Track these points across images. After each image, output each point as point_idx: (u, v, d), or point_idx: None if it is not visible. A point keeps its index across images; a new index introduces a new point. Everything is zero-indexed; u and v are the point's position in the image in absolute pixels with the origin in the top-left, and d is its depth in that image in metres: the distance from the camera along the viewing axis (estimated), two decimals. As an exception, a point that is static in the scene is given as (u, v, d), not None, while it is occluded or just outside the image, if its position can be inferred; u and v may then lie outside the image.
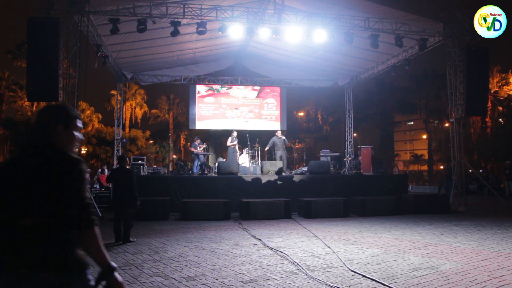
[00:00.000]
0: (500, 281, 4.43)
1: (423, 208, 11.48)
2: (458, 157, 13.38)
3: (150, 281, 4.57)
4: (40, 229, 1.59)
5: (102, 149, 35.22)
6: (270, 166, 13.15)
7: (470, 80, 12.90)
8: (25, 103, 33.90)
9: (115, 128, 18.58)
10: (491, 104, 32.93)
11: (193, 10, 11.92)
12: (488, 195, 18.90)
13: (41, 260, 1.57)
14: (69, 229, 1.64)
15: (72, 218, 1.63)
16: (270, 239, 7.31)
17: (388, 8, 12.39)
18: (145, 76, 18.25)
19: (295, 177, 13.13)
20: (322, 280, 4.52)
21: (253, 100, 19.29)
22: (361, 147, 16.17)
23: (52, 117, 1.80)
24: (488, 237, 7.41)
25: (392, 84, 37.74)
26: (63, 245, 1.62)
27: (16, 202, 1.63)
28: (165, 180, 12.63)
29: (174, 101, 46.06)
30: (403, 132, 65.13)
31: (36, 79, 10.50)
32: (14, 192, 1.64)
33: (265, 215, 10.45)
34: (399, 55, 15.33)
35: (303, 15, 12.66)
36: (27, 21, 10.45)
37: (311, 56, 16.71)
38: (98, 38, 12.91)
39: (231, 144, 15.55)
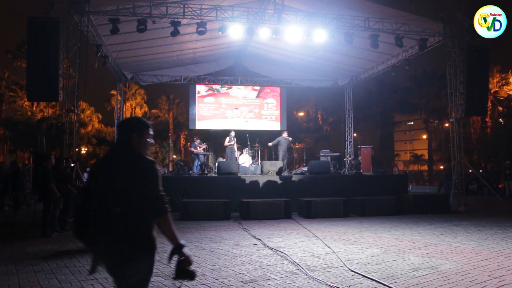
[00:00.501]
0: (500, 281, 4.43)
1: (423, 208, 11.48)
2: (458, 157, 13.38)
3: (150, 281, 4.56)
4: (125, 215, 2.14)
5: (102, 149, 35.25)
6: (270, 166, 13.15)
7: (470, 80, 12.90)
8: (25, 103, 33.90)
9: (115, 128, 18.58)
10: (491, 104, 32.92)
11: (193, 10, 11.92)
12: (488, 195, 18.90)
13: (125, 238, 2.14)
14: (147, 215, 2.17)
15: (150, 207, 2.16)
16: (270, 239, 7.31)
17: (388, 8, 12.39)
18: (145, 76, 18.25)
19: (295, 177, 13.12)
20: (322, 280, 4.52)
21: (253, 100, 19.28)
22: (361, 147, 16.16)
23: (129, 126, 2.31)
24: (488, 237, 7.41)
25: (392, 84, 37.74)
26: (142, 227, 2.17)
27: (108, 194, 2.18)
28: (165, 180, 12.55)
29: (174, 101, 46.07)
30: (403, 132, 65.09)
31: (36, 79, 10.51)
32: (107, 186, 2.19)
33: (265, 215, 10.45)
34: (399, 55, 15.32)
35: (303, 15, 12.66)
36: (27, 21, 10.45)
37: (311, 56, 16.72)
38: (98, 38, 12.91)
39: (228, 144, 15.54)
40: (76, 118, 11.93)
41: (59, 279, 4.65)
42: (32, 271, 5.04)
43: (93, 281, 4.56)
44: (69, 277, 4.74)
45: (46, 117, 30.26)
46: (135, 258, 2.18)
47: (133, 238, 2.16)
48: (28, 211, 11.84)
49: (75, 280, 4.63)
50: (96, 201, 2.22)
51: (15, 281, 4.57)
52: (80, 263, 5.48)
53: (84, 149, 35.54)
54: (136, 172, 2.18)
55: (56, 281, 4.60)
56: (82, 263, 5.48)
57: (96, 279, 4.65)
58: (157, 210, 2.19)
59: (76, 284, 4.47)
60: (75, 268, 5.20)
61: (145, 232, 2.19)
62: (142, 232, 2.18)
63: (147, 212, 2.17)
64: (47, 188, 7.83)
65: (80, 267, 5.22)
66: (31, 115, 33.28)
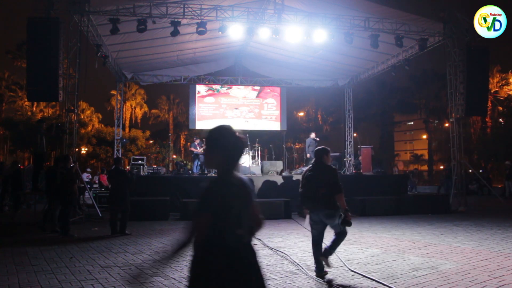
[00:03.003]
0: (500, 281, 4.43)
1: (423, 208, 11.48)
2: (458, 157, 13.38)
3: (150, 281, 4.57)
4: (326, 194, 4.43)
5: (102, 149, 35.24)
6: (270, 166, 13.15)
7: (470, 80, 12.89)
8: (25, 103, 33.92)
9: (115, 128, 18.59)
10: (491, 104, 32.94)
11: (193, 10, 11.92)
12: (488, 195, 18.90)
13: (327, 205, 4.45)
14: (334, 193, 4.42)
15: (335, 189, 4.43)
16: (270, 239, 7.31)
17: (388, 8, 12.38)
18: (145, 76, 18.24)
19: (295, 177, 13.12)
20: (322, 280, 4.53)
21: (253, 100, 19.28)
22: (361, 147, 16.17)
23: (322, 151, 4.74)
24: (488, 237, 7.41)
25: (392, 84, 37.80)
26: (333, 199, 4.41)
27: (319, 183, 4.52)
28: (165, 180, 12.62)
29: (174, 101, 46.09)
30: (403, 132, 65.12)
31: (36, 79, 10.50)
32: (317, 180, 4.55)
33: (265, 215, 10.30)
34: (399, 55, 15.32)
35: (303, 15, 12.65)
36: (27, 21, 10.44)
37: (311, 56, 16.71)
38: (98, 38, 12.90)
39: None
40: (76, 118, 11.92)
41: (59, 279, 4.65)
42: (32, 271, 5.03)
43: (93, 281, 4.57)
44: (69, 277, 4.74)
45: (46, 117, 30.25)
46: (333, 214, 4.48)
47: (331, 204, 4.47)
48: (28, 211, 11.85)
49: (75, 280, 4.63)
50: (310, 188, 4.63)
51: (15, 281, 4.57)
52: (80, 263, 5.48)
53: (84, 149, 35.53)
54: (326, 172, 4.62)
55: (56, 281, 4.60)
56: (82, 263, 5.48)
57: (96, 279, 4.65)
58: (337, 190, 4.46)
59: (76, 284, 4.46)
60: (75, 268, 5.20)
61: (334, 201, 4.46)
62: (334, 201, 4.46)
63: (334, 191, 4.46)
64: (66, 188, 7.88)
65: (80, 267, 5.22)
66: (31, 115, 33.29)
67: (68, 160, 8.48)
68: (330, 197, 4.45)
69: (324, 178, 4.56)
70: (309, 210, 4.62)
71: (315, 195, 4.51)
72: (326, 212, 4.48)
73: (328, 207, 4.46)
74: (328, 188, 4.47)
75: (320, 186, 4.50)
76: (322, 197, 4.46)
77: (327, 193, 4.46)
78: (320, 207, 4.50)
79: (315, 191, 4.52)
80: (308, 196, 4.61)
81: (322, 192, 4.46)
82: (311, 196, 4.55)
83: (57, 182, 8.05)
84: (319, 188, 4.49)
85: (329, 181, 4.50)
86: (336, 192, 4.43)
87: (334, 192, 4.44)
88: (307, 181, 4.68)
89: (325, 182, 4.51)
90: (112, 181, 8.25)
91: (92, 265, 5.34)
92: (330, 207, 4.45)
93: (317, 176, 4.60)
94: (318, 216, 4.55)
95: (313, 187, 4.55)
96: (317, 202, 4.50)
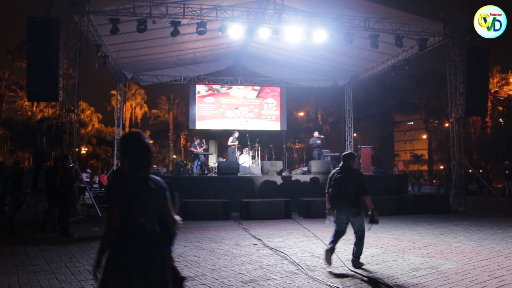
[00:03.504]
0: (500, 281, 4.43)
1: (423, 208, 11.48)
2: (458, 157, 13.38)
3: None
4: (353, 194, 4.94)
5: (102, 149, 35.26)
6: (270, 166, 13.14)
7: (470, 80, 12.89)
8: (25, 103, 33.90)
9: (115, 128, 18.59)
10: (491, 104, 32.93)
11: (193, 10, 11.92)
12: (488, 195, 18.90)
13: (354, 204, 4.95)
14: (361, 194, 4.95)
15: (362, 191, 4.95)
16: (270, 239, 7.31)
17: (388, 8, 12.39)
18: (145, 76, 18.24)
19: (295, 177, 13.12)
20: (322, 280, 4.53)
21: (253, 100, 19.28)
22: (361, 147, 16.16)
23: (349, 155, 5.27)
24: (488, 237, 7.41)
25: (392, 84, 37.75)
26: (360, 199, 4.95)
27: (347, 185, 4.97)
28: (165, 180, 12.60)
29: (174, 101, 46.06)
30: (403, 132, 65.10)
31: (36, 79, 10.49)
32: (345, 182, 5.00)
33: (265, 215, 10.45)
34: (399, 55, 15.32)
35: (303, 15, 12.65)
36: (27, 21, 10.44)
37: (311, 56, 16.71)
38: (98, 38, 12.90)
39: (231, 144, 15.54)
40: (76, 118, 11.92)
41: (59, 279, 4.65)
42: (32, 271, 5.03)
43: (93, 281, 4.56)
44: (69, 277, 4.74)
45: (46, 117, 30.24)
46: (358, 212, 4.96)
47: (358, 204, 4.95)
48: (28, 211, 11.84)
49: (75, 280, 4.63)
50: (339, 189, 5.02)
51: (15, 281, 4.57)
52: (80, 263, 5.48)
53: (84, 149, 35.54)
54: (354, 175, 5.12)
55: (56, 281, 4.60)
56: (82, 263, 5.48)
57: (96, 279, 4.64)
58: (364, 192, 4.97)
59: (76, 284, 4.46)
60: (75, 268, 5.20)
61: (361, 202, 4.94)
62: (359, 201, 4.95)
63: (361, 193, 4.95)
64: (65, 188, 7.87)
65: (80, 267, 5.22)
66: (31, 115, 33.29)
67: (67, 160, 8.47)
68: (356, 198, 4.95)
69: (351, 180, 5.02)
70: (337, 209, 5.10)
71: (343, 196, 4.99)
72: (353, 211, 4.98)
73: (354, 206, 4.96)
74: (355, 190, 4.96)
75: (348, 188, 4.97)
76: (349, 197, 4.96)
77: (354, 194, 4.96)
78: (348, 206, 4.99)
79: (343, 192, 4.98)
80: (336, 196, 5.07)
81: (349, 193, 4.96)
82: (339, 196, 5.03)
83: (57, 182, 8.05)
84: (346, 189, 4.97)
85: (356, 183, 5.00)
86: (364, 194, 4.95)
87: (362, 194, 4.95)
88: (335, 182, 5.11)
89: (352, 184, 4.98)
90: None
91: (92, 265, 5.33)
92: (356, 207, 4.96)
93: (344, 178, 5.04)
94: (345, 214, 5.03)
95: (341, 188, 5.00)
96: (345, 201, 4.98)
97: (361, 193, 4.95)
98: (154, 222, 2.25)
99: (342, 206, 5.04)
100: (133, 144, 2.28)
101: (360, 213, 4.97)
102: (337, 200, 5.06)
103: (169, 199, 2.36)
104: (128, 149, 2.30)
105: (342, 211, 5.04)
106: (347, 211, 5.00)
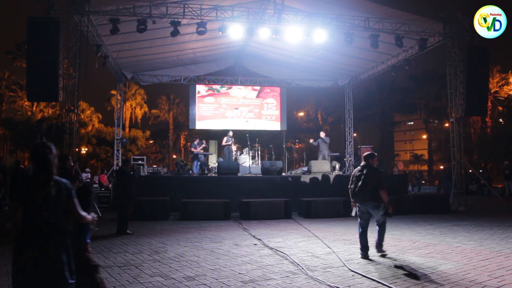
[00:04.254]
0: (500, 281, 4.43)
1: (423, 208, 11.48)
2: (458, 157, 13.38)
3: (150, 281, 4.57)
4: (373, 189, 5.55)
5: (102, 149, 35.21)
6: (270, 166, 13.14)
7: (470, 80, 12.89)
8: (25, 103, 33.86)
9: (115, 128, 18.57)
10: (491, 104, 32.92)
11: (193, 10, 11.92)
12: (488, 195, 18.90)
13: (373, 198, 5.59)
14: (379, 189, 5.53)
15: (380, 186, 5.56)
16: (270, 239, 7.31)
17: (388, 8, 12.38)
18: (145, 76, 18.24)
19: (295, 177, 13.12)
20: (322, 280, 4.53)
21: (253, 100, 19.27)
22: (361, 147, 16.16)
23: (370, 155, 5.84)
24: (488, 237, 7.42)
25: (392, 84, 37.72)
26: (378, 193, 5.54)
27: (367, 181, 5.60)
28: (165, 180, 12.62)
29: (174, 101, 46.03)
30: (403, 132, 65.05)
31: (36, 79, 10.50)
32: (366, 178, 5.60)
33: (265, 215, 10.45)
34: (399, 55, 15.31)
35: (303, 15, 12.65)
36: (27, 21, 10.44)
37: (311, 56, 16.70)
38: (98, 38, 12.90)
39: (226, 144, 15.54)
40: (76, 118, 11.92)
41: (59, 279, 4.64)
42: (32, 271, 5.03)
43: (93, 281, 4.56)
44: (69, 277, 4.73)
45: (46, 117, 30.23)
46: (377, 205, 5.57)
47: (376, 198, 5.51)
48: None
49: (75, 280, 4.62)
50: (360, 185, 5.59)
51: (15, 281, 4.56)
52: (80, 263, 5.48)
53: (84, 149, 35.51)
54: (373, 173, 5.62)
55: (56, 281, 4.59)
56: (82, 263, 5.47)
57: (96, 279, 4.64)
58: (381, 187, 5.50)
59: (76, 284, 4.46)
60: (75, 268, 5.19)
61: (379, 195, 5.51)
62: (378, 195, 5.50)
63: (379, 187, 5.49)
64: None
65: (80, 267, 5.22)
66: (31, 115, 33.26)
67: (67, 160, 8.45)
68: (376, 192, 5.56)
69: (371, 177, 5.62)
70: (358, 203, 5.75)
71: (362, 191, 5.61)
72: (372, 204, 5.63)
73: (374, 200, 5.60)
74: (374, 185, 5.57)
75: (368, 184, 5.58)
76: (370, 192, 5.57)
77: (373, 189, 5.57)
78: (368, 200, 5.62)
79: (364, 187, 5.60)
80: (358, 191, 5.68)
81: (369, 188, 5.56)
82: (360, 192, 5.66)
83: None
84: (366, 185, 5.59)
85: (375, 179, 5.61)
86: (381, 188, 5.56)
87: (379, 188, 5.56)
88: (357, 179, 5.74)
89: (371, 181, 5.59)
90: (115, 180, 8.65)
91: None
92: (375, 200, 5.60)
93: (365, 175, 5.65)
94: (366, 207, 5.70)
95: (363, 184, 5.62)
96: (366, 196, 5.61)
97: (379, 188, 5.55)
98: (57, 215, 2.64)
99: (362, 200, 5.68)
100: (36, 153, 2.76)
101: (379, 206, 5.61)
102: (358, 195, 5.70)
103: (74, 197, 2.76)
104: (33, 157, 2.80)
105: (363, 204, 5.70)
106: (367, 205, 5.66)
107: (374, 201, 5.60)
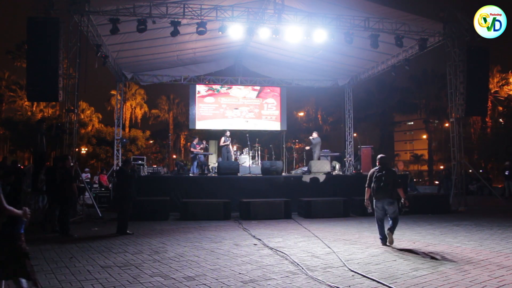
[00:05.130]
0: (500, 281, 4.43)
1: (423, 208, 11.48)
2: (458, 157, 13.38)
3: (150, 281, 4.57)
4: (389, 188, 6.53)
5: (102, 149, 35.20)
6: (270, 166, 13.14)
7: (470, 80, 12.89)
8: (25, 103, 33.86)
9: (115, 128, 18.57)
10: (491, 104, 32.91)
11: (193, 10, 11.91)
12: (488, 195, 18.88)
13: (390, 195, 6.53)
14: (396, 187, 6.58)
15: (396, 184, 6.58)
16: (270, 239, 7.31)
17: (388, 8, 12.37)
18: (145, 76, 18.24)
19: (295, 177, 13.11)
20: (322, 280, 4.53)
21: (253, 100, 19.27)
22: (361, 147, 16.15)
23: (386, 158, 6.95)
24: (488, 237, 7.42)
25: (392, 84, 37.72)
26: (395, 192, 6.54)
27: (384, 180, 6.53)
28: (165, 180, 12.62)
29: (174, 101, 46.05)
30: (403, 132, 65.09)
31: (36, 79, 10.49)
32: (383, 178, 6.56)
33: (265, 215, 10.44)
34: (399, 55, 15.31)
35: (303, 15, 12.65)
36: (27, 21, 10.43)
37: (311, 56, 16.70)
38: (98, 38, 12.90)
39: (224, 144, 15.54)
40: (76, 118, 11.91)
41: (59, 279, 4.65)
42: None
43: (93, 281, 4.57)
44: (69, 277, 4.74)
45: (46, 117, 30.22)
46: (392, 202, 6.48)
47: (393, 195, 6.46)
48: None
49: (75, 280, 4.63)
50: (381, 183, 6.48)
51: (15, 281, 4.57)
52: (80, 263, 5.48)
53: (84, 149, 35.51)
54: (391, 173, 6.60)
55: (56, 281, 4.60)
56: (82, 263, 5.48)
57: (96, 279, 4.65)
58: (397, 185, 6.52)
59: (76, 284, 4.46)
60: (75, 268, 5.20)
61: (394, 193, 6.46)
62: (394, 193, 6.47)
63: (396, 186, 6.51)
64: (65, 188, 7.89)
65: (80, 267, 5.22)
66: (31, 115, 33.25)
67: (67, 160, 8.47)
68: (392, 190, 6.48)
69: (387, 177, 6.53)
70: (376, 199, 6.63)
71: (383, 189, 6.50)
72: (388, 201, 6.50)
73: (390, 197, 6.49)
74: (391, 184, 6.47)
75: (389, 183, 6.47)
76: (388, 190, 6.47)
77: (391, 187, 6.47)
78: (385, 197, 6.51)
79: (384, 186, 6.49)
80: (380, 190, 6.54)
81: (388, 187, 6.47)
82: (380, 189, 6.53)
83: (56, 182, 8.05)
84: (386, 184, 6.47)
85: (391, 179, 6.51)
86: (398, 187, 6.55)
87: (396, 186, 6.51)
88: (376, 179, 6.61)
89: (388, 180, 6.49)
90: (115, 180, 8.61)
91: (92, 265, 5.34)
92: (391, 197, 6.49)
93: (383, 175, 6.54)
94: (382, 204, 6.58)
95: (384, 183, 6.50)
96: (384, 193, 6.50)
97: (396, 186, 6.50)
98: None
99: (381, 197, 6.54)
100: None
101: (394, 203, 6.50)
102: (378, 192, 6.56)
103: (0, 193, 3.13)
104: None
105: (381, 201, 6.55)
106: (384, 201, 6.52)
107: (391, 198, 6.46)
